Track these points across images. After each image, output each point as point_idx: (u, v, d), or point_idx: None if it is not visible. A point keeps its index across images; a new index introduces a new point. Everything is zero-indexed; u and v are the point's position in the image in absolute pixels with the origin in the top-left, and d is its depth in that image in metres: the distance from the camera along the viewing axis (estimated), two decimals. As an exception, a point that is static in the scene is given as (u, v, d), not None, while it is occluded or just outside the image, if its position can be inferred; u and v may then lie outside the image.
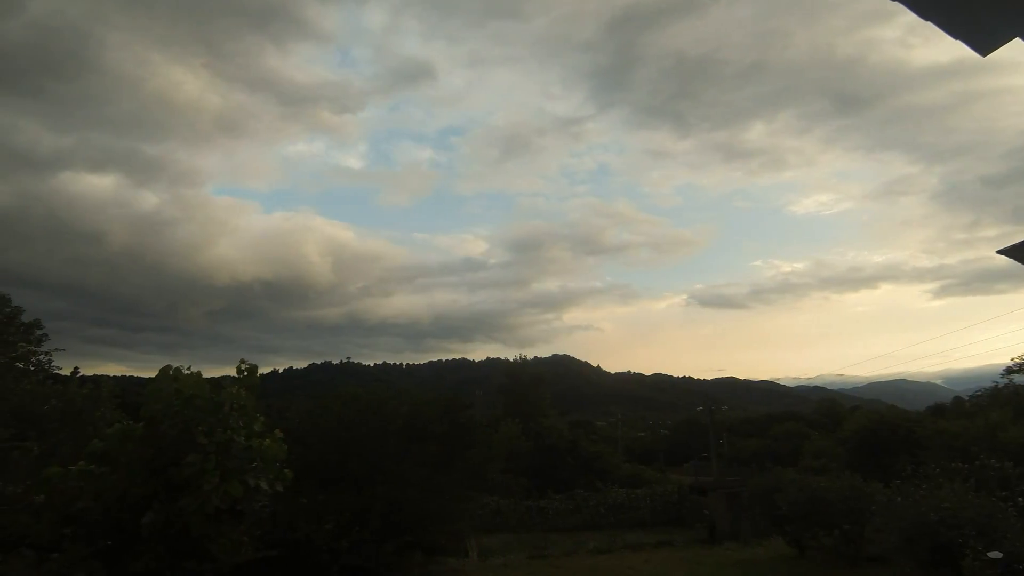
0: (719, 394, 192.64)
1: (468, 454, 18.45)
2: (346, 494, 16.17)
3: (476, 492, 20.33)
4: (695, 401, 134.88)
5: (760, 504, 21.43)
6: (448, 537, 18.20)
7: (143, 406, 10.02)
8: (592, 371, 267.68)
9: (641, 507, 30.49)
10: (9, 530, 10.83)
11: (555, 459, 36.13)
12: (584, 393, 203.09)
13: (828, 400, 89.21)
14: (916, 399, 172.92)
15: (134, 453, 9.67)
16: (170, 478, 9.19)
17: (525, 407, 54.35)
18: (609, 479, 35.08)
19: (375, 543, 15.11)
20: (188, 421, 9.62)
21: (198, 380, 10.27)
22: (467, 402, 21.48)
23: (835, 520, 17.62)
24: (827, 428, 60.13)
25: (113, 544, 9.42)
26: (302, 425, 18.00)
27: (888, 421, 35.59)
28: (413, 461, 17.02)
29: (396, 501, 16.46)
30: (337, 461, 17.15)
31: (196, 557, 9.53)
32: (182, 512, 8.87)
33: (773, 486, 20.63)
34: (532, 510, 29.42)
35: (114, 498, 9.38)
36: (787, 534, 20.02)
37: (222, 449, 9.34)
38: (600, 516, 29.70)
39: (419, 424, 17.77)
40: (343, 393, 19.56)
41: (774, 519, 20.32)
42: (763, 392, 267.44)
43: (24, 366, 21.40)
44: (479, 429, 19.97)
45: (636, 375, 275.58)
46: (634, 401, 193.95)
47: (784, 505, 19.12)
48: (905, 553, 13.90)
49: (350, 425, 17.51)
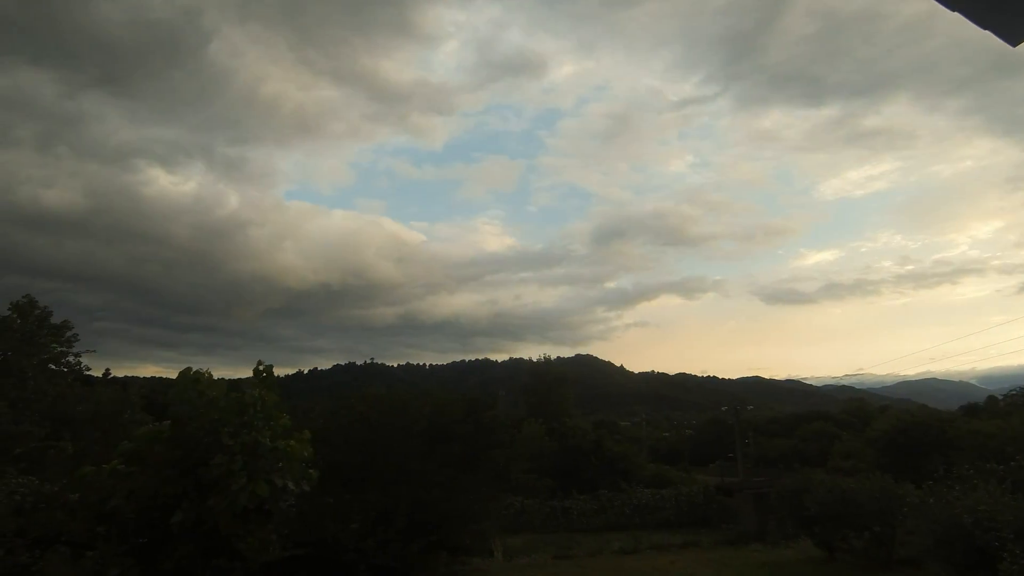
0: (744, 393, 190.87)
1: (492, 454, 18.49)
2: (371, 494, 16.27)
3: (500, 492, 20.34)
4: (720, 400, 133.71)
5: (788, 505, 21.14)
6: (473, 537, 18.21)
7: (170, 408, 10.19)
8: (615, 371, 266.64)
9: (666, 508, 30.22)
10: (46, 527, 11.09)
11: (579, 459, 35.98)
12: (608, 393, 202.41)
13: (856, 399, 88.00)
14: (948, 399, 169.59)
15: (163, 453, 9.84)
16: (199, 478, 9.33)
17: (549, 407, 54.32)
18: (634, 479, 34.85)
19: (401, 543, 15.15)
20: (213, 422, 9.75)
21: (218, 382, 10.42)
22: (490, 403, 21.53)
23: (865, 522, 17.32)
24: (856, 428, 59.28)
25: (146, 542, 9.59)
26: (327, 426, 18.14)
27: (919, 421, 34.91)
28: (438, 461, 17.08)
29: (421, 501, 16.52)
30: (362, 461, 17.27)
31: (226, 555, 9.66)
32: (211, 511, 9.00)
33: (801, 487, 20.34)
34: (556, 510, 29.32)
35: (146, 497, 9.55)
36: (816, 536, 19.72)
37: (248, 450, 9.45)
38: (625, 516, 29.51)
39: (443, 424, 17.84)
40: (367, 394, 19.71)
41: (802, 520, 20.02)
42: (789, 391, 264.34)
43: (56, 368, 21.87)
44: (503, 429, 19.98)
45: (660, 374, 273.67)
46: (658, 401, 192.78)
47: (812, 506, 18.84)
48: (939, 556, 13.61)
49: (374, 425, 17.63)
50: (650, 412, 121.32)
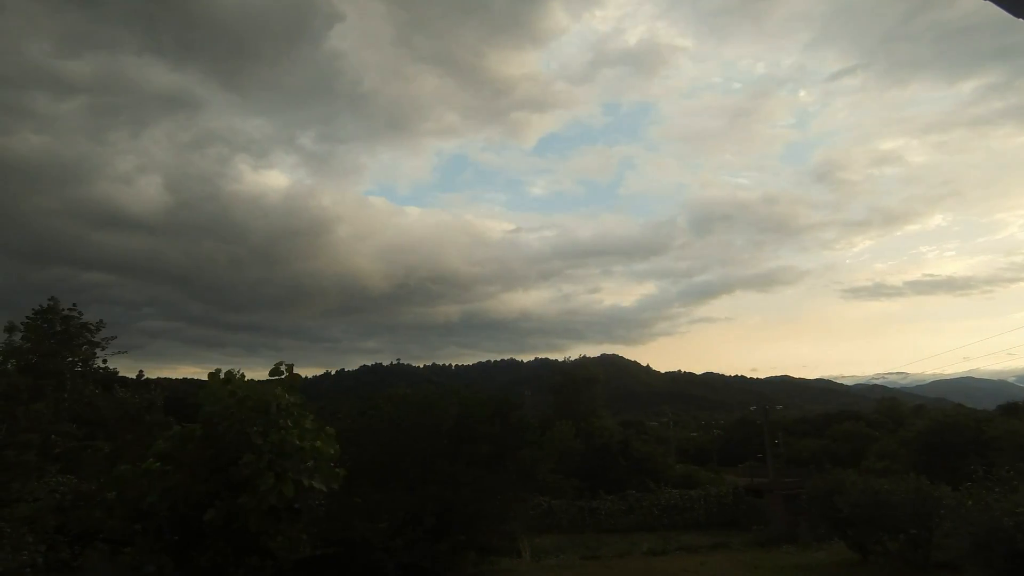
0: (773, 393, 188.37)
1: (519, 454, 18.44)
2: (399, 494, 16.38)
3: (528, 492, 20.31)
4: (748, 400, 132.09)
5: (819, 506, 20.74)
6: (501, 537, 18.23)
7: (200, 408, 10.38)
8: (641, 370, 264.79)
9: (695, 508, 29.95)
10: (85, 524, 11.38)
11: (607, 459, 35.82)
12: (634, 392, 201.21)
13: (889, 399, 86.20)
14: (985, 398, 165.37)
15: (195, 453, 10.02)
16: (229, 477, 9.47)
17: (576, 407, 54.16)
18: (662, 480, 34.59)
19: (429, 542, 15.23)
20: (242, 422, 9.90)
21: (248, 383, 10.57)
22: (517, 402, 21.48)
23: (900, 524, 16.92)
24: (889, 428, 58.16)
25: (180, 539, 9.77)
26: (354, 426, 18.29)
27: (955, 421, 34.11)
28: (465, 461, 17.11)
29: (449, 501, 16.58)
30: (389, 461, 17.38)
31: (257, 554, 9.80)
32: (242, 510, 9.13)
33: (833, 488, 19.93)
34: (584, 511, 29.23)
35: (179, 495, 9.74)
36: (849, 538, 19.31)
37: (276, 449, 9.57)
38: (653, 517, 29.29)
39: (470, 424, 17.85)
40: (393, 394, 19.81)
41: (834, 522, 19.63)
42: (819, 391, 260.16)
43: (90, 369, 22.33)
44: (530, 429, 19.93)
45: (687, 374, 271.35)
46: (685, 400, 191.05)
47: (845, 508, 18.47)
48: (978, 560, 13.24)
49: (401, 426, 17.72)
50: (677, 412, 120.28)
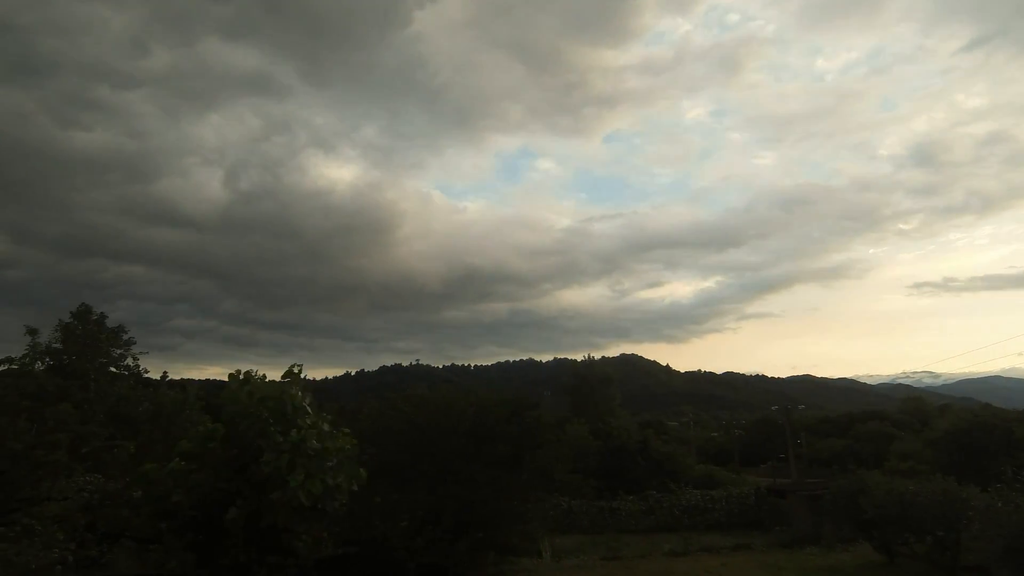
0: (795, 393, 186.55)
1: (537, 454, 18.44)
2: (419, 493, 16.45)
3: (546, 492, 20.29)
4: (770, 400, 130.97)
5: (843, 507, 20.48)
6: (521, 537, 18.22)
7: (222, 408, 10.51)
8: (661, 370, 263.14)
9: (717, 509, 29.66)
10: (113, 522, 11.57)
11: (625, 460, 35.61)
12: (654, 392, 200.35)
13: (914, 399, 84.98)
14: (1014, 397, 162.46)
15: (217, 452, 10.15)
16: (250, 476, 9.57)
17: (593, 407, 54.07)
18: (682, 480, 34.31)
19: (449, 542, 15.27)
20: (263, 422, 10.00)
21: (269, 383, 10.68)
22: (534, 403, 21.48)
23: (927, 526, 16.65)
24: (914, 428, 57.30)
25: (204, 538, 9.89)
26: (373, 426, 18.40)
27: (983, 421, 33.43)
28: (483, 461, 17.15)
29: (468, 501, 16.61)
30: (409, 461, 17.47)
31: (279, 552, 9.89)
32: (270, 507, 9.22)
33: (857, 488, 19.68)
34: (604, 511, 29.10)
35: (203, 494, 9.86)
36: (874, 539, 19.04)
37: (296, 448, 9.65)
38: (674, 518, 29.06)
39: (487, 425, 17.89)
40: (412, 395, 19.93)
41: (859, 523, 19.38)
42: (842, 391, 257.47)
43: (116, 371, 22.82)
44: (548, 429, 19.92)
45: (707, 373, 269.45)
46: (706, 400, 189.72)
47: (870, 509, 18.22)
48: (1008, 563, 13.01)
49: (420, 426, 17.80)
50: (698, 412, 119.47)
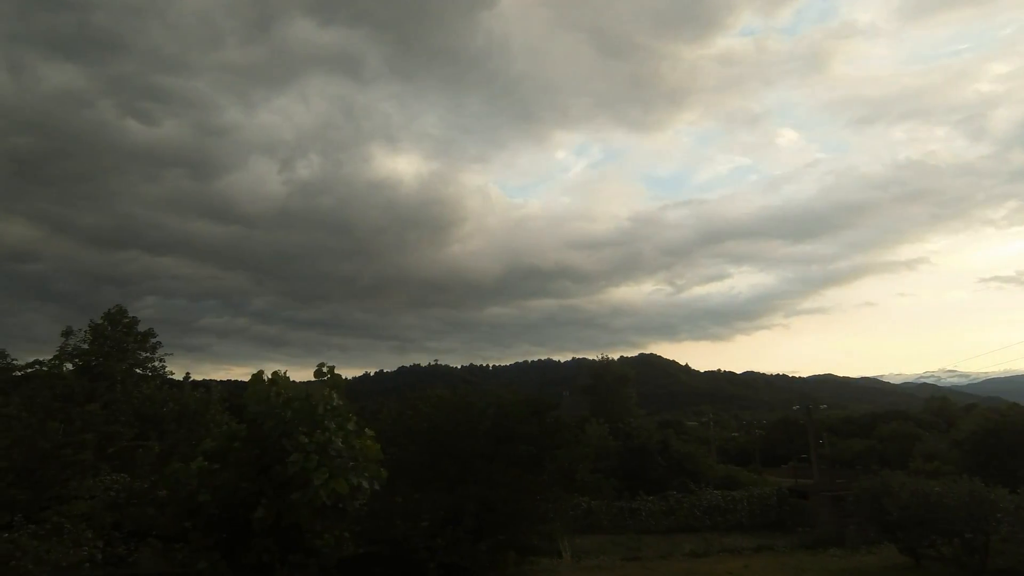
0: (816, 392, 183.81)
1: (557, 455, 18.40)
2: (439, 493, 16.50)
3: (567, 493, 20.25)
4: (791, 399, 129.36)
5: (867, 509, 20.20)
6: (541, 537, 18.20)
7: (245, 409, 10.60)
8: (680, 370, 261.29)
9: (738, 510, 29.39)
10: (139, 521, 11.73)
11: (645, 460, 35.42)
12: (672, 392, 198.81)
13: (939, 398, 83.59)
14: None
15: (241, 452, 10.25)
16: (274, 476, 9.66)
17: (611, 407, 53.87)
18: (702, 480, 34.06)
19: (470, 542, 15.31)
20: (287, 423, 10.08)
21: (293, 384, 10.76)
22: (554, 403, 21.44)
23: (954, 528, 16.36)
24: (939, 428, 56.40)
25: (228, 536, 10.00)
26: (394, 427, 18.48)
27: (1011, 421, 32.77)
28: (503, 461, 17.15)
29: (488, 501, 16.63)
30: (429, 461, 17.52)
31: (302, 551, 9.98)
32: (293, 507, 9.30)
33: (881, 489, 19.40)
34: (624, 511, 28.98)
35: (227, 493, 9.97)
36: (900, 541, 18.74)
37: (321, 449, 9.72)
38: (695, 518, 28.85)
39: (507, 425, 17.88)
40: (431, 395, 19.96)
41: (884, 525, 19.11)
42: (864, 390, 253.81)
43: (142, 372, 23.21)
44: (567, 429, 19.87)
45: (727, 373, 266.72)
46: (726, 400, 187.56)
47: (894, 510, 17.96)
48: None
49: (440, 426, 17.85)
50: (717, 411, 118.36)
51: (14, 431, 13.86)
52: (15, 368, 18.24)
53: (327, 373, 11.42)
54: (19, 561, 9.15)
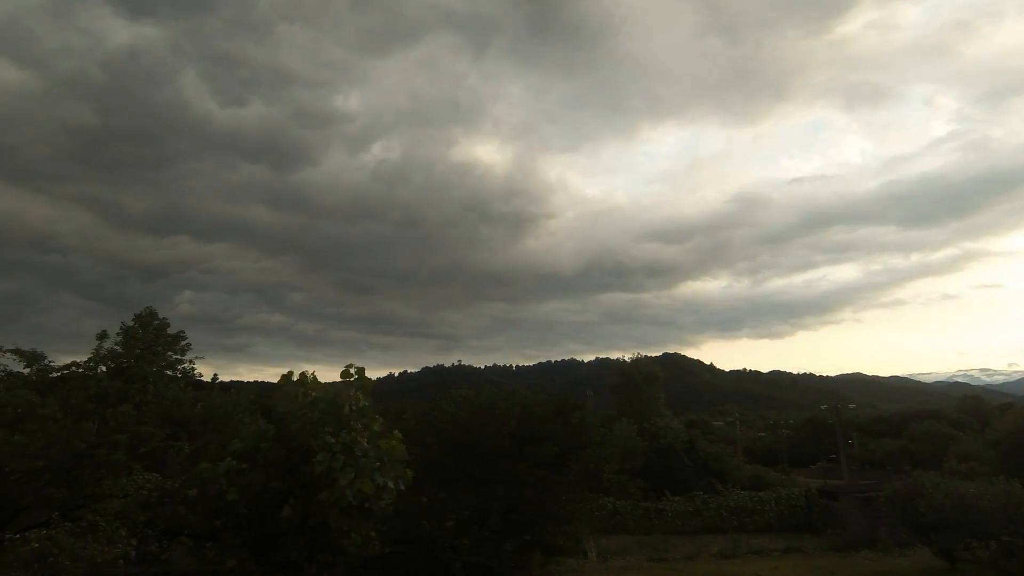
0: (844, 391, 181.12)
1: (582, 455, 18.34)
2: (464, 493, 16.54)
3: (592, 493, 20.18)
4: (818, 399, 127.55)
5: (899, 510, 19.83)
6: (566, 538, 18.16)
7: (273, 409, 10.73)
8: (705, 369, 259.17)
9: (766, 511, 29.04)
10: (170, 520, 11.96)
11: (671, 460, 35.19)
12: (698, 392, 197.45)
13: (972, 397, 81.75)
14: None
15: (269, 452, 10.38)
16: (301, 475, 9.76)
17: (638, 407, 53.46)
18: (729, 481, 33.72)
19: (495, 542, 15.33)
20: (314, 423, 10.18)
21: (322, 384, 10.86)
22: (579, 403, 21.37)
23: (990, 530, 16.00)
24: (973, 428, 55.19)
25: (257, 535, 10.14)
26: (418, 427, 18.57)
27: (1050, 420, 31.99)
28: (528, 462, 17.14)
29: (514, 501, 16.63)
30: (454, 461, 17.57)
31: (330, 550, 10.08)
32: (320, 506, 9.39)
33: (913, 490, 19.03)
34: (650, 512, 28.81)
35: (255, 493, 10.10)
36: (934, 544, 18.36)
37: (347, 449, 9.79)
38: (722, 519, 28.57)
39: (532, 425, 17.86)
40: (456, 395, 20.01)
41: (917, 527, 18.74)
42: (894, 389, 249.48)
43: (172, 374, 23.63)
44: (593, 429, 19.79)
45: (752, 372, 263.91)
46: (752, 400, 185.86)
47: (928, 512, 17.61)
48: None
49: (465, 426, 17.89)
50: (744, 411, 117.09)
51: (50, 431, 14.20)
52: (52, 369, 18.69)
53: (354, 374, 11.52)
54: (56, 558, 9.38)
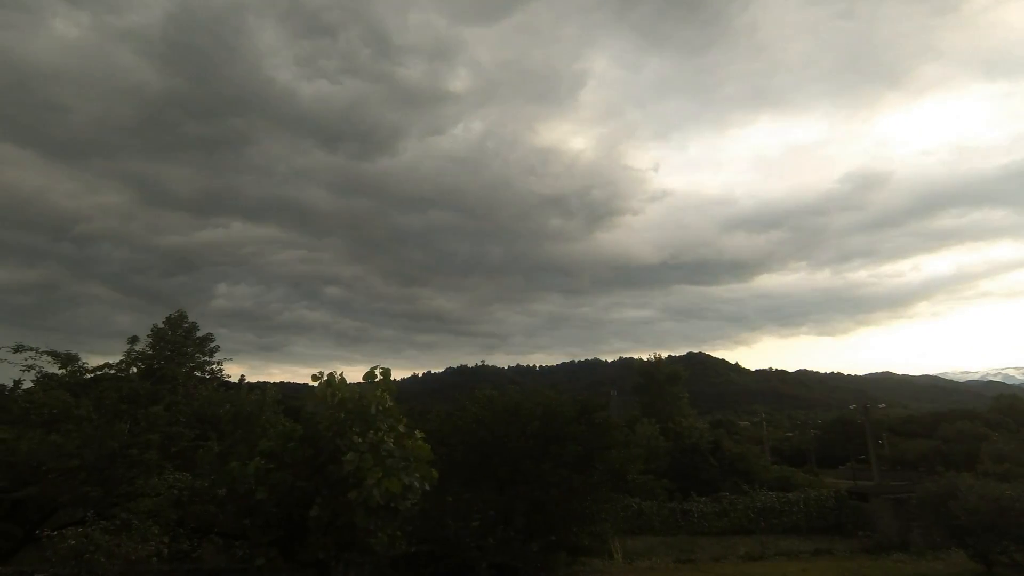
0: (873, 391, 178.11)
1: (606, 455, 18.27)
2: (489, 493, 16.57)
3: (617, 493, 20.09)
4: (846, 398, 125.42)
5: (932, 512, 19.44)
6: (592, 538, 18.11)
7: (302, 409, 10.85)
8: (730, 368, 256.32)
9: (794, 512, 28.60)
10: (200, 519, 12.14)
11: (697, 460, 34.88)
12: (723, 392, 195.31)
13: (1008, 396, 79.70)
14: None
15: (296, 451, 10.50)
16: (329, 475, 9.85)
17: (662, 407, 53.15)
18: (755, 481, 33.31)
19: (520, 542, 15.32)
20: (341, 423, 10.26)
21: (350, 385, 10.95)
22: (602, 403, 21.28)
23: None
24: (1009, 428, 53.82)
25: (286, 533, 10.26)
26: (443, 427, 18.64)
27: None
28: (552, 462, 17.12)
29: (538, 501, 16.63)
30: (478, 461, 17.61)
31: (356, 549, 10.15)
32: (347, 506, 9.47)
33: (947, 492, 18.63)
34: (676, 512, 28.57)
35: (283, 492, 10.22)
36: (969, 547, 17.95)
37: (373, 449, 9.86)
38: (749, 520, 28.21)
39: (556, 425, 17.84)
40: (479, 396, 20.06)
41: (951, 529, 18.35)
42: (925, 388, 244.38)
43: (201, 375, 24.05)
44: (617, 430, 19.70)
45: (778, 371, 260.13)
46: (778, 399, 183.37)
47: (962, 514, 17.23)
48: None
49: (489, 426, 17.92)
50: (770, 411, 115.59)
51: (85, 431, 14.49)
52: (85, 371, 19.11)
53: (379, 375, 11.60)
54: (92, 555, 9.57)
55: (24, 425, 15.13)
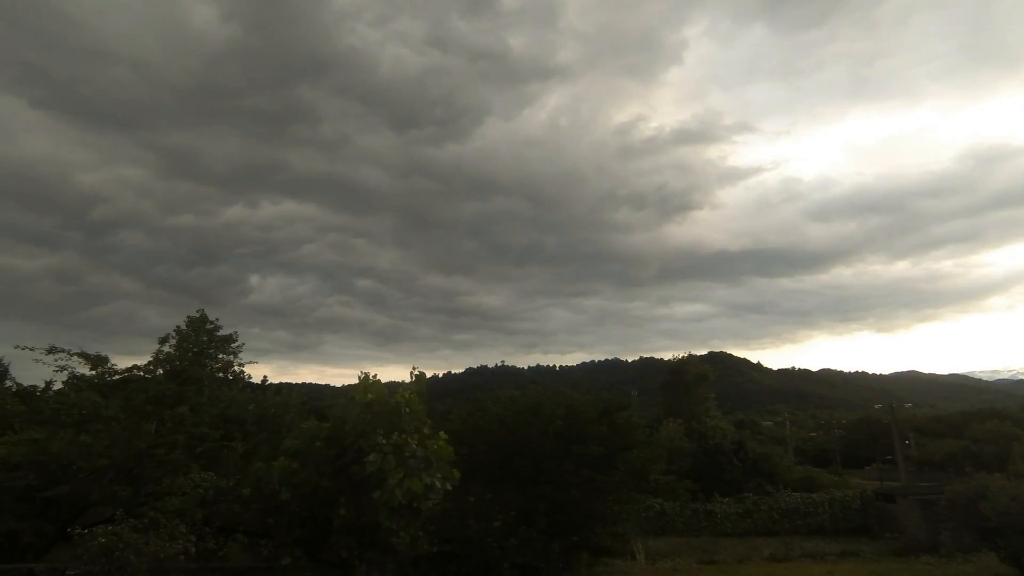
0: (899, 390, 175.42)
1: (629, 455, 18.18)
2: (511, 494, 16.58)
3: (639, 494, 19.99)
4: (872, 398, 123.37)
5: (962, 514, 19.04)
6: (614, 538, 18.04)
7: (329, 410, 10.94)
8: (752, 367, 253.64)
9: (819, 513, 28.24)
10: (226, 518, 12.30)
11: (720, 461, 34.56)
12: (745, 391, 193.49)
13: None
14: None
15: (321, 451, 10.59)
16: (352, 475, 9.92)
17: (686, 406, 52.79)
18: (779, 482, 32.95)
19: (542, 542, 15.32)
20: (367, 424, 10.34)
21: (379, 385, 11.04)
22: (624, 403, 21.19)
23: (1063, 535, 15.26)
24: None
25: (310, 533, 10.36)
26: (464, 427, 18.67)
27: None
28: (574, 462, 17.08)
29: (560, 501, 16.60)
30: (500, 462, 17.61)
31: (380, 549, 10.22)
32: (370, 505, 9.54)
33: (977, 493, 18.25)
34: (699, 513, 28.35)
35: (307, 492, 10.32)
36: (1000, 550, 17.57)
37: (397, 450, 9.91)
38: (773, 521, 27.91)
39: (577, 425, 17.78)
40: (501, 396, 20.07)
41: (981, 532, 17.96)
42: (953, 387, 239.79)
43: (224, 376, 24.27)
44: (639, 430, 19.60)
45: (801, 371, 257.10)
46: (801, 399, 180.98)
47: (993, 516, 16.86)
48: None
49: (510, 426, 17.92)
50: (793, 411, 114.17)
51: (113, 431, 14.75)
52: (114, 372, 19.42)
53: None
54: (122, 552, 9.73)
55: (55, 425, 15.44)
